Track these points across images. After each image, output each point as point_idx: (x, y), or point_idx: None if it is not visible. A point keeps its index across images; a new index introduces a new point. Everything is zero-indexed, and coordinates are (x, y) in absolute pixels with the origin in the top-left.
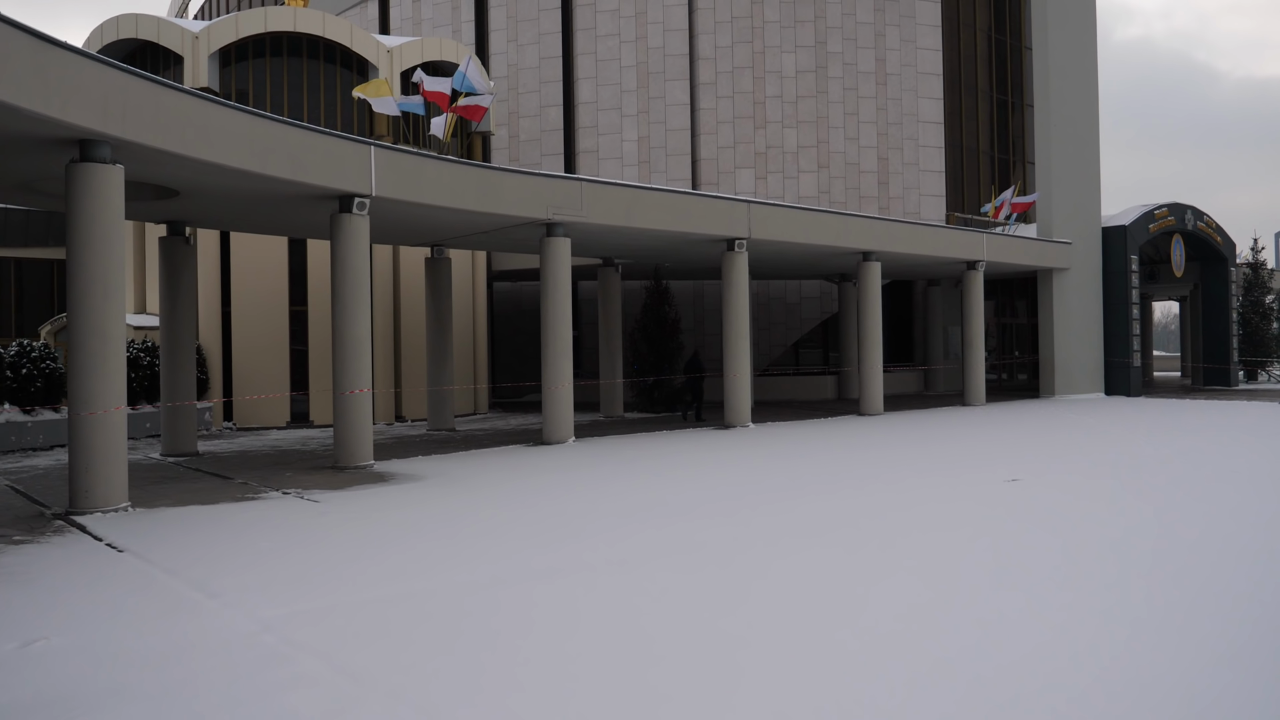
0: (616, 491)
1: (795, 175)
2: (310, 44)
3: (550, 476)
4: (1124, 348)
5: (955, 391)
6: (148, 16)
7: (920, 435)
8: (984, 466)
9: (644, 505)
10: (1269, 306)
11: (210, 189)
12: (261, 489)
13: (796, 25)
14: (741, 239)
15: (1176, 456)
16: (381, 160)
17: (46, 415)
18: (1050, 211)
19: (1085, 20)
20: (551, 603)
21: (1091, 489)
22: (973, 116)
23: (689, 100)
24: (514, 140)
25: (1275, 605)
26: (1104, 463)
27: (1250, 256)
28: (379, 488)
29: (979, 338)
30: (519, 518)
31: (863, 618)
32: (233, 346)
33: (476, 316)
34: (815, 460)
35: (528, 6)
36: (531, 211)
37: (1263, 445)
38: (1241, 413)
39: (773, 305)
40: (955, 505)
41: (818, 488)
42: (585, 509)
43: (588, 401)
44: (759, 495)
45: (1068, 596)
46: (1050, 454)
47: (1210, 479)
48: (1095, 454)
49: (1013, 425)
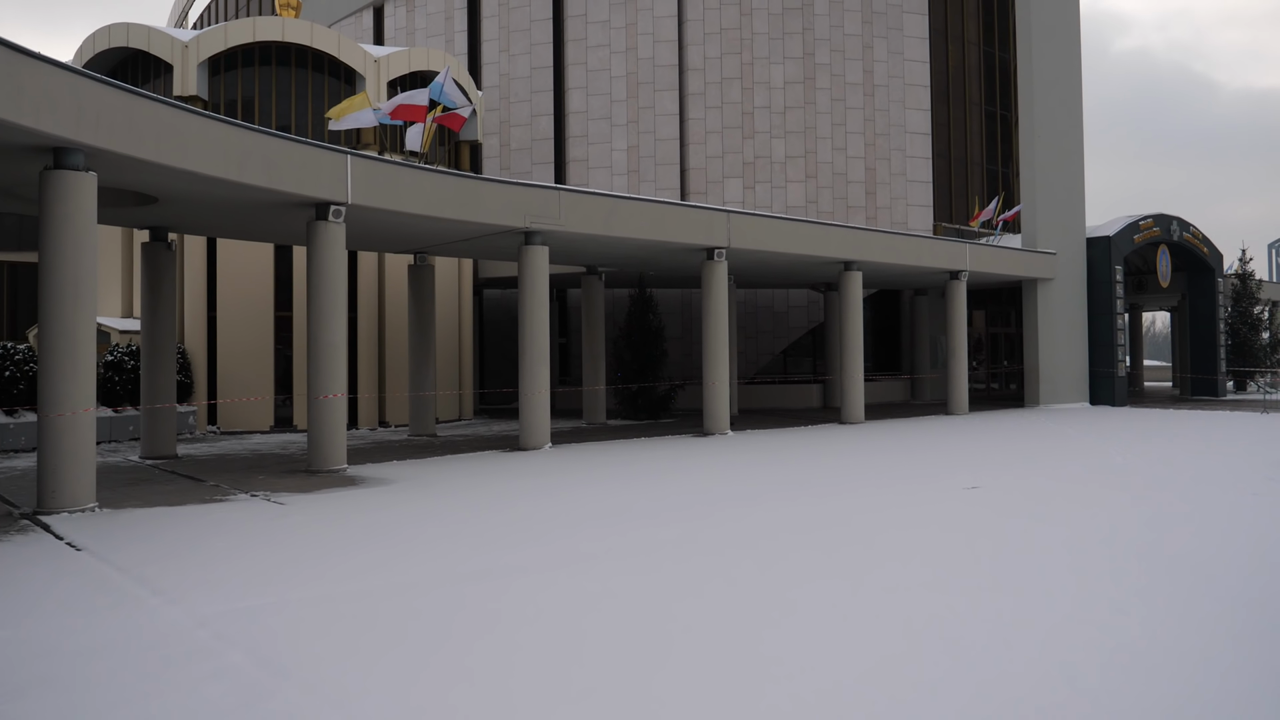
0: (580, 497)
1: (783, 185)
2: (299, 53)
3: (519, 482)
4: (1109, 357)
5: (942, 400)
6: (139, 26)
7: (893, 444)
8: (948, 474)
9: (605, 510)
10: (1258, 317)
11: (188, 196)
12: (231, 491)
13: (785, 37)
14: (721, 248)
15: (1140, 467)
16: (358, 169)
17: (29, 417)
18: (1035, 222)
19: (1069, 34)
20: (493, 603)
21: (1046, 496)
22: (961, 127)
23: (678, 110)
24: (505, 148)
25: (1201, 618)
26: (1066, 471)
27: (1239, 267)
28: (346, 491)
29: (962, 347)
30: (479, 521)
31: (786, 620)
32: (218, 351)
33: (462, 323)
34: (781, 468)
35: (519, 17)
36: (509, 220)
37: (1225, 455)
38: (1217, 424)
39: (760, 314)
40: (908, 511)
41: (775, 495)
42: (547, 513)
43: (572, 408)
44: (715, 502)
45: (991, 601)
46: (1016, 462)
47: (1163, 489)
48: (1060, 462)
49: (987, 434)
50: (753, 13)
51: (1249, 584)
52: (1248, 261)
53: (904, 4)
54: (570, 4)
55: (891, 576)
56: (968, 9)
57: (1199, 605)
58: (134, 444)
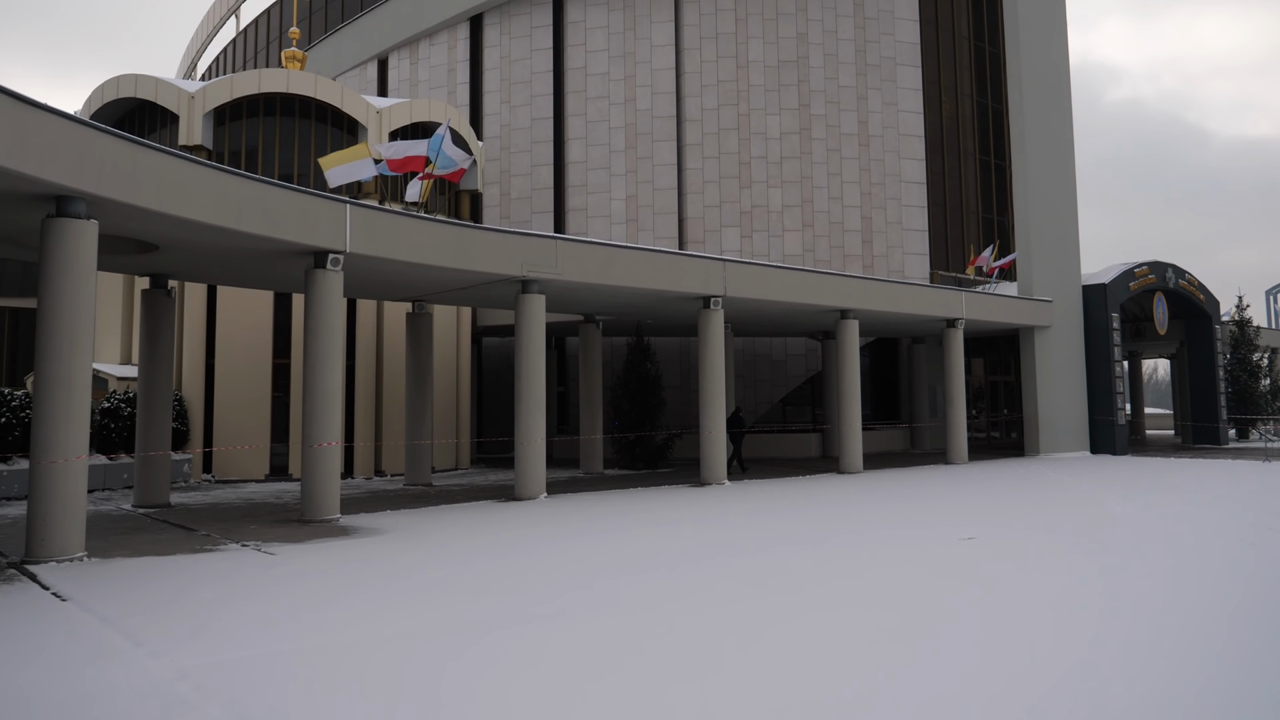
0: (571, 549)
1: (780, 234)
2: (303, 104)
3: (511, 533)
4: (1108, 405)
5: (941, 449)
6: (147, 77)
7: (892, 494)
8: (945, 525)
9: (593, 563)
10: (1257, 364)
11: (188, 244)
12: (222, 541)
13: (780, 89)
14: (717, 297)
15: (1141, 518)
16: (357, 218)
17: (23, 465)
18: (1030, 270)
19: (1059, 85)
20: (486, 656)
21: (1039, 550)
22: (956, 176)
23: (676, 160)
24: (505, 197)
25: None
26: (1067, 523)
27: (1236, 314)
28: (338, 541)
29: (960, 396)
30: (466, 572)
31: (741, 674)
32: (214, 398)
33: (460, 371)
34: (776, 519)
35: (520, 70)
36: (506, 269)
37: (1226, 506)
38: (1219, 473)
39: (758, 362)
40: (902, 563)
41: (765, 546)
42: (535, 565)
43: (570, 457)
44: (703, 553)
45: (972, 655)
46: (1015, 513)
47: (1161, 542)
48: (1061, 514)
49: (986, 484)
50: (749, 66)
51: (1243, 639)
52: (1245, 308)
53: (897, 57)
54: (570, 57)
55: (888, 627)
56: (960, 62)
57: (1186, 657)
58: (127, 492)
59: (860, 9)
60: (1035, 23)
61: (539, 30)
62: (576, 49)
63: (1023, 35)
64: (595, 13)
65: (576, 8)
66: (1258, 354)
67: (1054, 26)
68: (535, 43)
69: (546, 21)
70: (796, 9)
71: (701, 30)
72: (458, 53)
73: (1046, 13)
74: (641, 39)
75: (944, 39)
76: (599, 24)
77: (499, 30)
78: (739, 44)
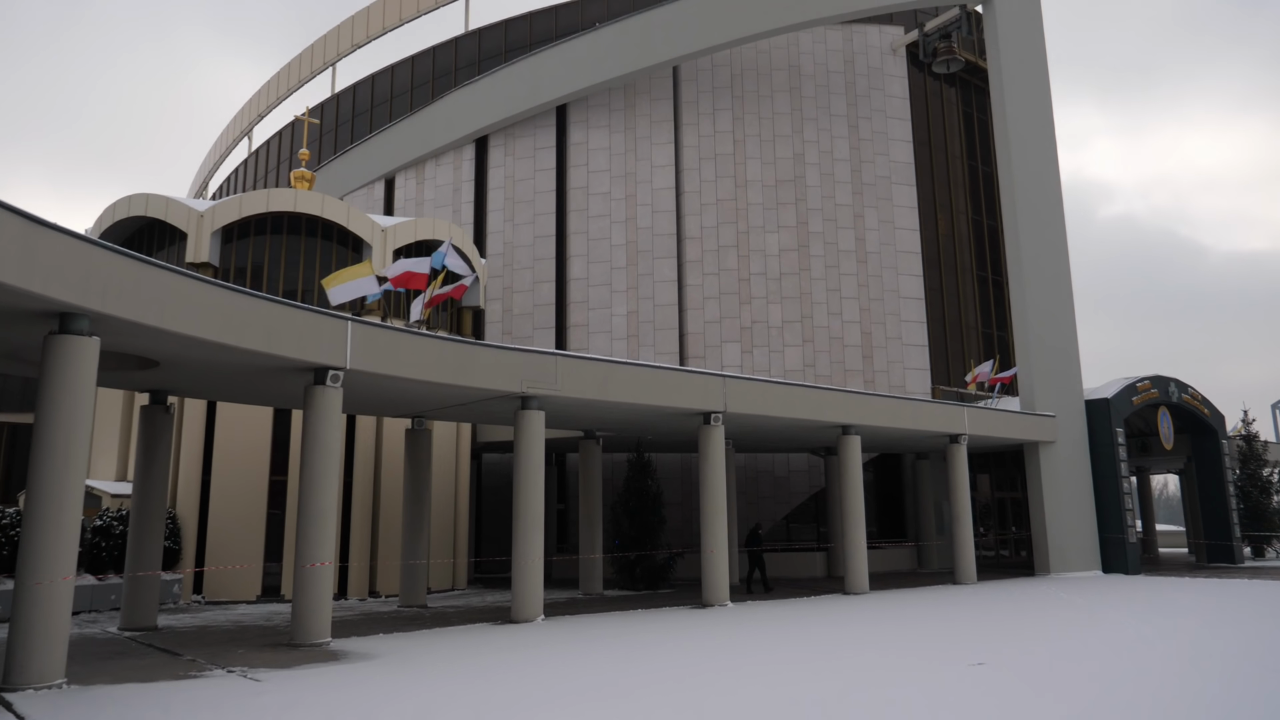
0: (563, 674)
1: (780, 349)
2: (309, 223)
3: (504, 656)
4: (1118, 522)
5: (949, 568)
6: (157, 196)
7: (898, 616)
8: (954, 649)
9: (592, 688)
10: (1267, 479)
11: (190, 360)
12: (207, 667)
13: (779, 207)
14: (718, 413)
15: (1159, 643)
16: (358, 335)
17: (9, 584)
18: (1032, 384)
19: (1052, 203)
20: None
21: (1060, 676)
22: (954, 292)
23: (676, 277)
24: (508, 314)
25: None
26: (1071, 650)
27: (1242, 428)
28: (327, 667)
29: (966, 513)
30: (455, 700)
31: None
32: (209, 516)
33: (459, 488)
34: (778, 644)
35: (524, 189)
36: (506, 385)
37: (1246, 635)
38: (1236, 594)
39: (761, 479)
40: (909, 690)
41: (768, 674)
42: (529, 693)
43: (569, 577)
44: (701, 680)
45: None
46: (1025, 638)
47: (1182, 669)
48: (1075, 638)
49: (995, 606)
50: (747, 185)
51: None
52: (1251, 422)
53: (892, 176)
54: (573, 177)
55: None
56: (954, 180)
57: None
58: (114, 614)
59: (855, 130)
60: (1025, 142)
61: (542, 151)
62: (579, 169)
63: (1014, 154)
64: (597, 134)
65: (579, 129)
66: (1268, 469)
67: (1044, 145)
68: (539, 163)
69: (550, 143)
70: (793, 131)
71: (700, 151)
72: (463, 172)
73: (1036, 132)
74: (642, 159)
75: (937, 158)
76: (601, 145)
77: (503, 151)
78: (737, 164)
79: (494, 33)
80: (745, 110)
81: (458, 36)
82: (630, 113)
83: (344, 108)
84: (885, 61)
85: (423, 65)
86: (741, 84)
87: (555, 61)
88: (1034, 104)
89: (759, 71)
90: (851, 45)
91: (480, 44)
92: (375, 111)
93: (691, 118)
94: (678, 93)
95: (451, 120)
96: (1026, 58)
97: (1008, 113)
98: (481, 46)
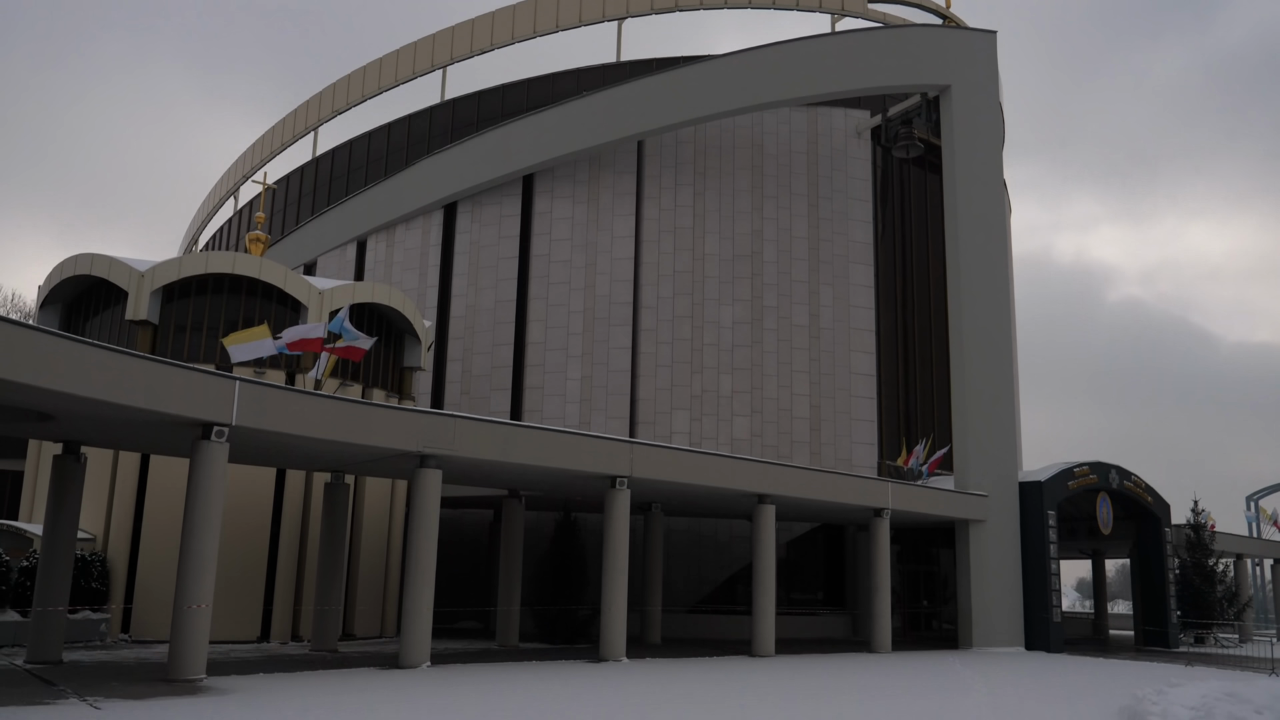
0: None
1: (729, 418)
2: (249, 284)
3: (365, 696)
4: (1043, 601)
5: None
6: (101, 256)
7: (777, 681)
8: (788, 712)
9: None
10: (1211, 569)
11: (81, 414)
12: (65, 696)
13: (735, 281)
14: (623, 477)
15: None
16: (245, 393)
17: None
18: (967, 464)
19: (999, 286)
20: None
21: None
22: (906, 370)
23: (631, 344)
24: (467, 374)
25: None
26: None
27: (1192, 518)
28: (179, 700)
29: (884, 585)
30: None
31: None
32: (138, 560)
33: (391, 541)
34: (629, 700)
35: (488, 255)
36: (402, 444)
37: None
38: (1124, 674)
39: (703, 543)
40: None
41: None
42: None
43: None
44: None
45: None
46: (867, 707)
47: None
48: (906, 706)
49: (880, 678)
50: (705, 258)
51: None
52: (1200, 513)
53: (849, 255)
54: (536, 244)
55: None
56: (913, 262)
57: None
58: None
59: (815, 209)
60: (973, 223)
61: (508, 219)
62: (542, 237)
63: (961, 234)
64: (561, 205)
65: (544, 199)
66: (1212, 559)
67: (992, 226)
68: (504, 230)
69: (516, 211)
70: (753, 207)
71: (661, 224)
72: (431, 237)
73: (985, 213)
74: (604, 230)
75: (898, 239)
76: (564, 215)
77: (470, 218)
78: (696, 238)
79: (468, 103)
80: (707, 186)
81: (433, 106)
82: (594, 184)
83: (323, 171)
84: (849, 143)
85: (398, 132)
86: (704, 160)
87: (524, 132)
88: (985, 186)
89: (722, 149)
90: (816, 126)
91: (454, 114)
92: (352, 176)
93: (654, 191)
94: (641, 166)
95: (422, 186)
96: (980, 143)
97: (958, 193)
98: (455, 116)
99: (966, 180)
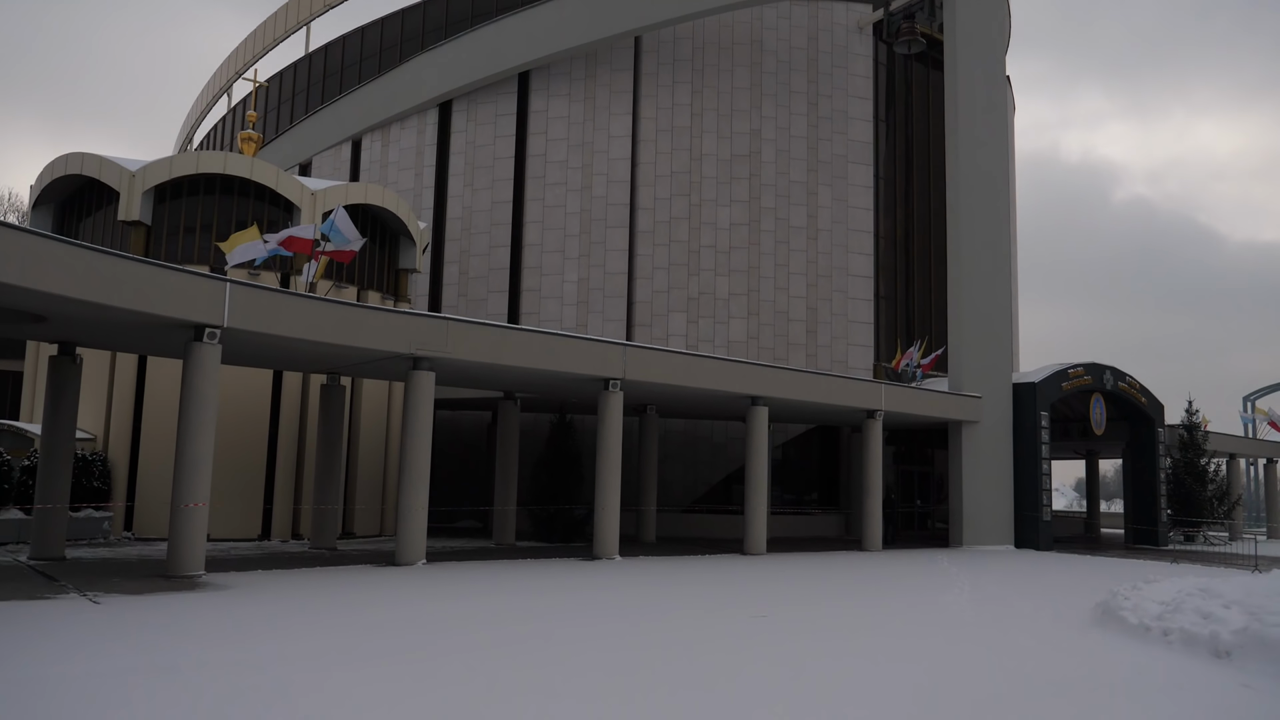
0: (399, 614)
1: (726, 320)
2: (241, 184)
3: (360, 594)
4: (1034, 501)
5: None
6: (92, 155)
7: (764, 575)
8: (761, 604)
9: (382, 623)
10: (1203, 468)
11: (74, 316)
12: (65, 591)
13: (732, 182)
14: (616, 379)
15: (952, 610)
16: (237, 295)
17: None
18: (961, 366)
19: (998, 185)
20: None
21: (825, 629)
22: (904, 272)
23: (628, 246)
24: (464, 276)
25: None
26: (885, 606)
27: (1186, 418)
28: (176, 595)
29: (876, 485)
30: (273, 629)
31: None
32: (139, 459)
33: (389, 441)
34: (621, 592)
35: (484, 155)
36: (395, 346)
37: (1049, 601)
38: (1104, 571)
39: (699, 445)
40: (669, 635)
41: (582, 618)
42: (344, 622)
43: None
44: (516, 618)
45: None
46: (850, 596)
47: (953, 630)
48: (892, 599)
49: (867, 571)
50: (702, 158)
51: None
52: (1194, 413)
53: (849, 155)
54: (532, 144)
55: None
56: (914, 162)
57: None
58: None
59: (814, 107)
60: (974, 119)
61: (503, 118)
62: (538, 136)
63: (960, 131)
64: (557, 103)
65: (540, 98)
66: (1204, 458)
67: (994, 124)
68: (499, 129)
69: (511, 110)
70: (751, 106)
71: (658, 124)
72: (426, 137)
73: (986, 110)
74: (600, 129)
75: (897, 139)
76: (560, 114)
77: (466, 116)
78: (694, 138)
79: None
80: (705, 84)
81: (425, 1)
82: (591, 82)
83: (316, 68)
84: (850, 39)
85: (391, 28)
86: (703, 57)
87: (519, 28)
88: (987, 85)
89: (720, 45)
90: (816, 21)
91: (449, 9)
92: (345, 73)
93: (651, 89)
94: (638, 64)
95: (416, 84)
96: (984, 38)
97: (959, 92)
98: (450, 11)
99: (968, 79)
